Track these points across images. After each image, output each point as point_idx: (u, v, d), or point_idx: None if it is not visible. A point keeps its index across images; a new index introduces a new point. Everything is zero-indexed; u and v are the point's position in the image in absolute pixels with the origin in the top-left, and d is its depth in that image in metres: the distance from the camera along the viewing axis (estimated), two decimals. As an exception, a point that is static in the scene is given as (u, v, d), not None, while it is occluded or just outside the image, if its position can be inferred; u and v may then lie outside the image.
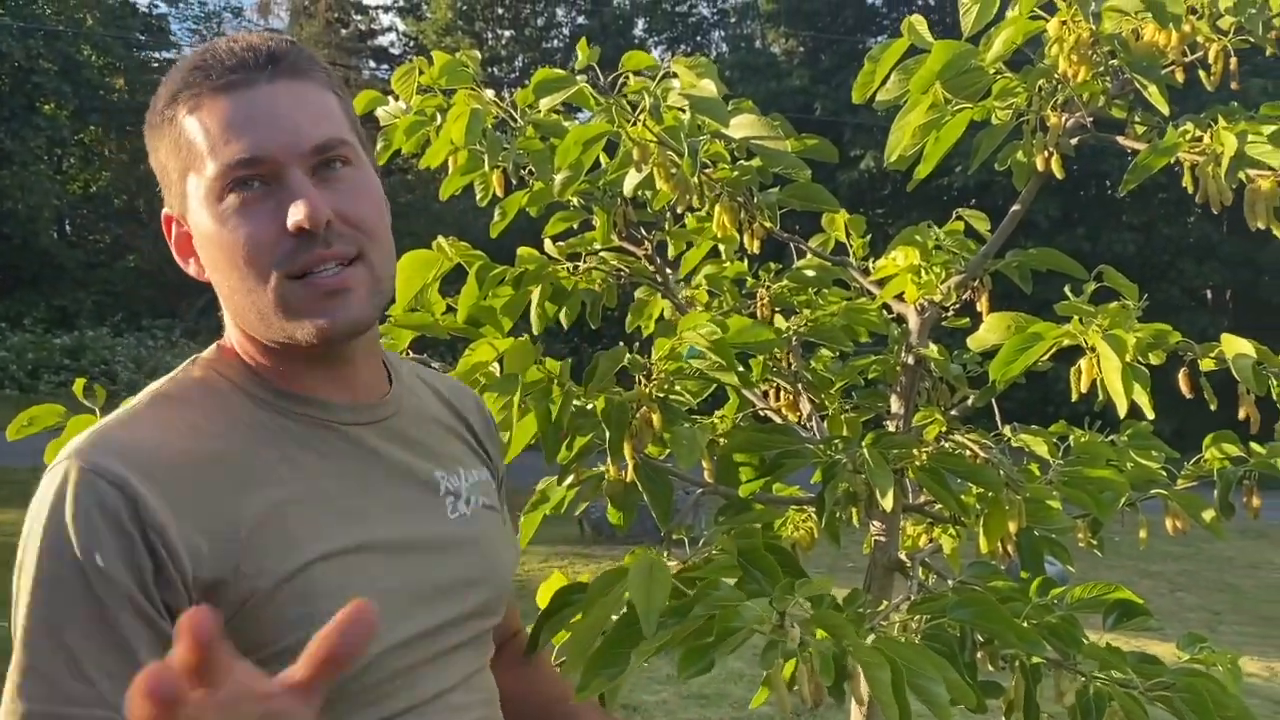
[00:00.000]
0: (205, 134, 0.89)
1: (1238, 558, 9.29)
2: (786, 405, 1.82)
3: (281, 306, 0.90)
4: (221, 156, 0.88)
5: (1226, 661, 1.51)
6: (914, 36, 1.56)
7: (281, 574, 0.86)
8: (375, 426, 0.99)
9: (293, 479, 0.91)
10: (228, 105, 0.89)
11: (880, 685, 1.08)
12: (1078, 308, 1.45)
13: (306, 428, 0.94)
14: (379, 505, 0.95)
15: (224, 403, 0.93)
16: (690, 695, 4.81)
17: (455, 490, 1.03)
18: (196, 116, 0.90)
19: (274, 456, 0.91)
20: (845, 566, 6.09)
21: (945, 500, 1.49)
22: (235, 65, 0.90)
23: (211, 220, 0.90)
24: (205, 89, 0.90)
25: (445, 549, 0.99)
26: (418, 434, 1.03)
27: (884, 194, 18.69)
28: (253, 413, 0.93)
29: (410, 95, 1.73)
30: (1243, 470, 1.70)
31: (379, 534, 0.94)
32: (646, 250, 1.83)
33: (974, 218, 1.78)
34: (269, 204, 0.89)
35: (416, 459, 1.01)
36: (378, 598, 0.88)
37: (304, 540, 0.89)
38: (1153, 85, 1.46)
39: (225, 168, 0.88)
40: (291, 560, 0.87)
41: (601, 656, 1.15)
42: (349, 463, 0.95)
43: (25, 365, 16.07)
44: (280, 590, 0.86)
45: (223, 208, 0.89)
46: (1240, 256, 17.91)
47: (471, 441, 1.12)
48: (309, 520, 0.90)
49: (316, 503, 0.91)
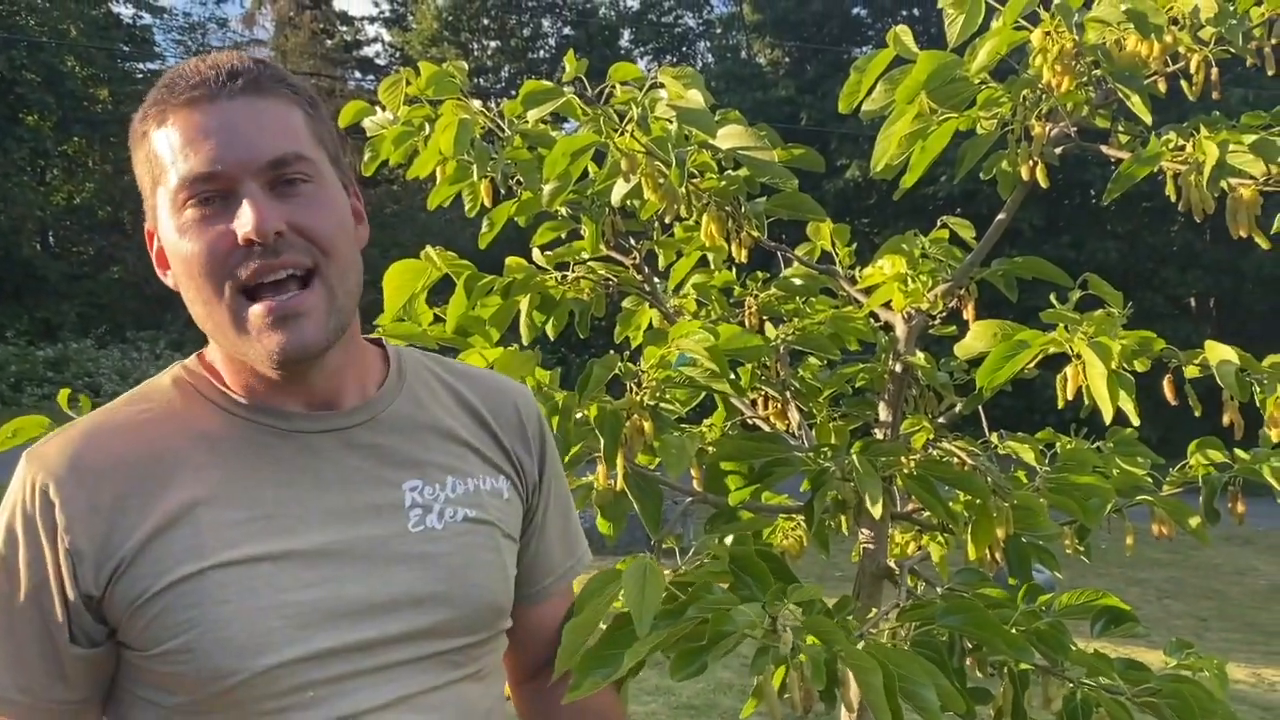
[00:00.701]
0: (169, 148, 0.92)
1: (1224, 564, 9.34)
2: (775, 414, 1.83)
3: (235, 323, 0.92)
4: (180, 170, 0.91)
5: (1213, 667, 1.52)
6: (899, 47, 1.58)
7: (176, 576, 0.89)
8: (337, 434, 0.99)
9: (220, 482, 0.93)
10: (188, 120, 0.91)
11: (872, 690, 1.08)
12: (1063, 315, 1.46)
13: (262, 434, 0.96)
14: (317, 514, 0.95)
15: (181, 407, 0.97)
16: (680, 706, 4.81)
17: (427, 503, 1.00)
18: (163, 131, 0.93)
19: (208, 460, 0.94)
20: (833, 575, 6.10)
21: (934, 508, 1.50)
22: (199, 82, 0.92)
23: (174, 232, 0.93)
24: (170, 105, 0.93)
25: (393, 562, 0.97)
26: (394, 442, 1.01)
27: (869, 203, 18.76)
28: (207, 418, 0.97)
29: (397, 106, 1.73)
30: (1227, 476, 1.72)
31: (305, 543, 0.93)
32: (635, 260, 1.84)
33: (959, 226, 1.80)
34: (224, 217, 0.91)
35: (383, 468, 1.00)
36: (281, 609, 0.91)
37: (209, 545, 0.91)
38: (1135, 95, 1.47)
39: (183, 181, 0.91)
40: (190, 564, 0.90)
41: (595, 657, 1.15)
42: (295, 471, 0.96)
43: (8, 378, 15.97)
44: (171, 591, 0.89)
45: (183, 220, 0.92)
46: (1223, 264, 18.04)
47: (487, 449, 1.08)
48: (224, 525, 0.92)
49: (240, 508, 0.93)
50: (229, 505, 0.93)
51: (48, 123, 20.10)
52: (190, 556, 0.90)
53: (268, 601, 0.91)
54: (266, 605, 0.91)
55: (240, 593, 0.90)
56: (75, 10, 20.85)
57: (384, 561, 0.96)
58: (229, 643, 0.89)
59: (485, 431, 1.09)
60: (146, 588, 0.89)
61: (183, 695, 0.91)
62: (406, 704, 0.96)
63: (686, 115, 1.44)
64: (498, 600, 1.04)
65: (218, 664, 0.89)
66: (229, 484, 0.93)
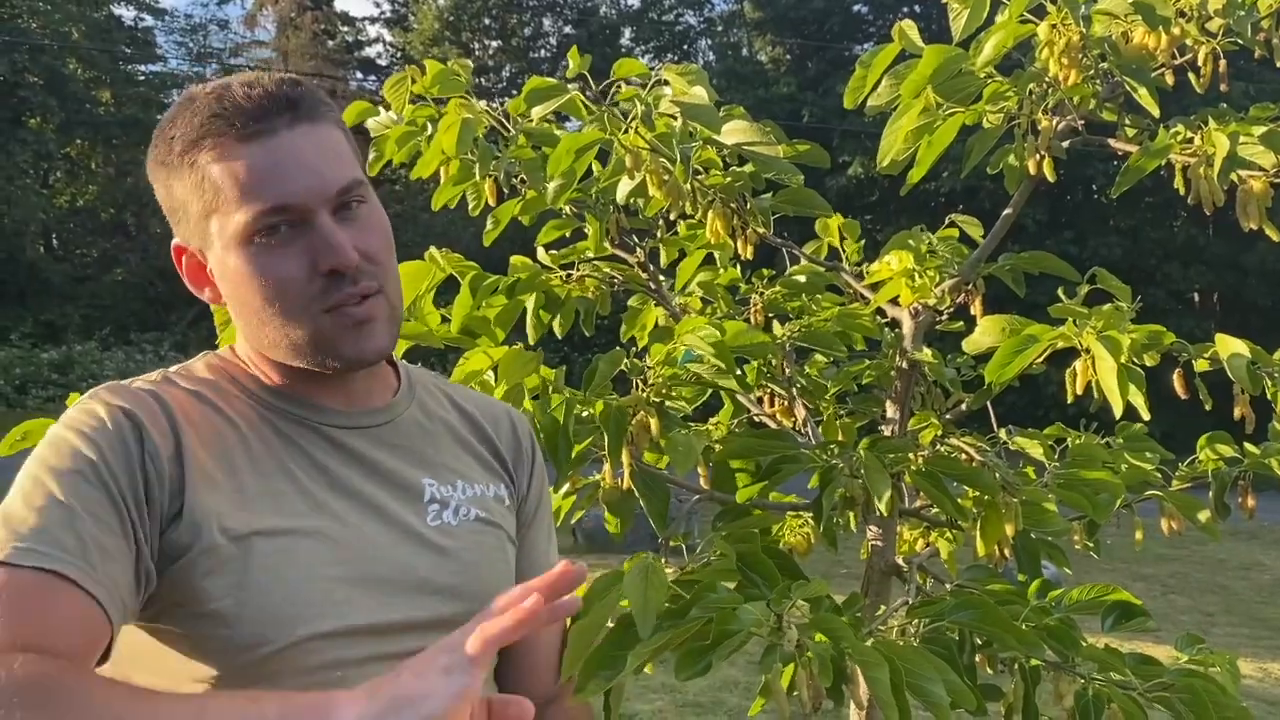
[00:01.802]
0: (234, 182, 0.95)
1: (1230, 559, 9.31)
2: (781, 411, 1.82)
3: (315, 340, 0.98)
4: (253, 204, 0.95)
5: (1224, 662, 1.51)
6: (905, 42, 1.57)
7: (224, 536, 0.91)
8: (364, 432, 1.04)
9: (264, 458, 0.98)
10: (254, 154, 0.95)
11: (880, 686, 1.08)
12: (1072, 310, 1.45)
13: (293, 426, 1.01)
14: (347, 499, 0.99)
15: (221, 393, 1.01)
16: (686, 704, 4.80)
17: (444, 499, 1.05)
18: (224, 165, 0.95)
19: (254, 438, 0.99)
20: (840, 573, 6.09)
21: (942, 504, 1.49)
22: (257, 114, 0.95)
23: (241, 261, 0.96)
24: (230, 138, 0.95)
25: (414, 551, 1.01)
26: (412, 442, 1.07)
27: (872, 200, 18.74)
28: (245, 405, 1.01)
29: (401, 105, 1.72)
30: (1237, 471, 1.71)
31: (337, 524, 0.97)
32: (639, 258, 1.83)
33: (966, 223, 1.79)
34: (298, 245, 0.96)
35: (404, 464, 1.05)
36: (318, 581, 0.93)
37: (253, 511, 0.94)
38: (1143, 88, 1.47)
39: (257, 215, 0.95)
40: (236, 526, 0.92)
41: (599, 658, 1.15)
42: (327, 460, 1.00)
43: (13, 380, 15.99)
44: (217, 551, 0.91)
45: (252, 250, 0.96)
46: (1226, 259, 18.01)
47: (488, 457, 1.13)
48: (266, 495, 0.95)
49: (280, 482, 0.97)
50: (267, 478, 0.96)
51: (50, 125, 20.11)
52: (236, 520, 0.92)
53: (306, 573, 0.93)
54: (306, 576, 0.93)
55: (282, 562, 0.92)
56: (77, 13, 20.86)
57: (406, 550, 1.00)
58: (266, 610, 0.90)
59: (486, 441, 1.14)
60: (194, 540, 0.91)
61: (211, 665, 0.91)
62: None
63: (691, 111, 1.43)
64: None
65: (258, 630, 0.90)
66: (265, 461, 0.97)
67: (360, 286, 0.97)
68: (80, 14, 21.00)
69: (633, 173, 1.50)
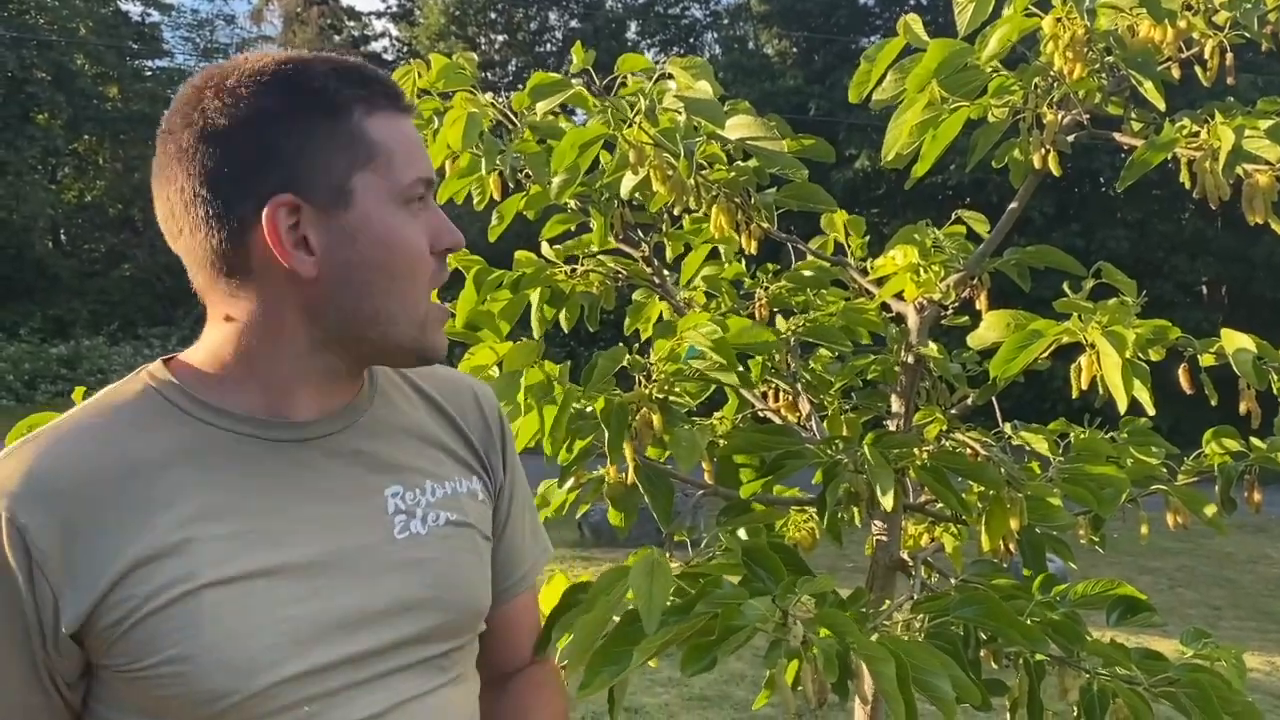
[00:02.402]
0: (397, 142, 0.93)
1: (1236, 553, 9.29)
2: (786, 406, 1.82)
3: (423, 326, 0.96)
4: (415, 169, 0.94)
5: (1230, 657, 1.51)
6: (910, 36, 1.57)
7: (168, 596, 0.85)
8: (319, 442, 0.96)
9: (205, 496, 0.89)
10: (406, 124, 0.95)
11: (885, 680, 1.08)
12: (1077, 304, 1.45)
13: (241, 445, 0.92)
14: (304, 525, 0.92)
15: (152, 416, 0.92)
16: (692, 698, 4.81)
17: (409, 508, 0.99)
18: (384, 124, 0.93)
19: (190, 474, 0.89)
20: (845, 567, 6.09)
21: (947, 499, 1.49)
22: (396, 91, 0.96)
23: (398, 221, 0.93)
24: (384, 103, 0.94)
25: (381, 570, 0.95)
26: (373, 447, 1.00)
27: (878, 194, 18.70)
28: (179, 428, 0.91)
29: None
30: (1243, 465, 1.70)
31: (296, 556, 0.91)
32: (644, 252, 1.83)
33: (973, 219, 1.79)
34: (421, 221, 0.95)
35: (367, 473, 0.98)
36: (277, 625, 0.88)
37: (202, 562, 0.87)
38: (1148, 81, 1.46)
39: (418, 180, 0.94)
40: (182, 583, 0.85)
41: (604, 654, 1.15)
42: (280, 483, 0.93)
43: (22, 375, 16.05)
44: (162, 613, 0.85)
45: (404, 214, 0.93)
46: (1235, 252, 17.93)
47: (460, 450, 1.07)
48: (214, 540, 0.88)
49: (229, 522, 0.89)
50: (218, 520, 0.88)
51: (58, 121, 20.16)
52: (182, 575, 0.86)
53: (264, 619, 0.88)
54: (263, 622, 0.88)
55: (236, 611, 0.87)
56: (84, 9, 20.89)
57: (373, 570, 0.95)
58: (226, 663, 0.86)
59: (456, 433, 1.08)
60: (134, 609, 0.85)
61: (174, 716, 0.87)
62: (399, 711, 0.95)
63: (695, 106, 1.43)
64: (481, 602, 1.04)
65: (214, 685, 0.86)
66: (215, 498, 0.89)
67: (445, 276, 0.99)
68: (88, 10, 21.03)
69: (636, 168, 1.50)
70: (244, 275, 0.92)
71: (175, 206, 0.92)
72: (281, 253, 0.90)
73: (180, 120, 0.91)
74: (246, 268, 0.91)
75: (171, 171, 0.92)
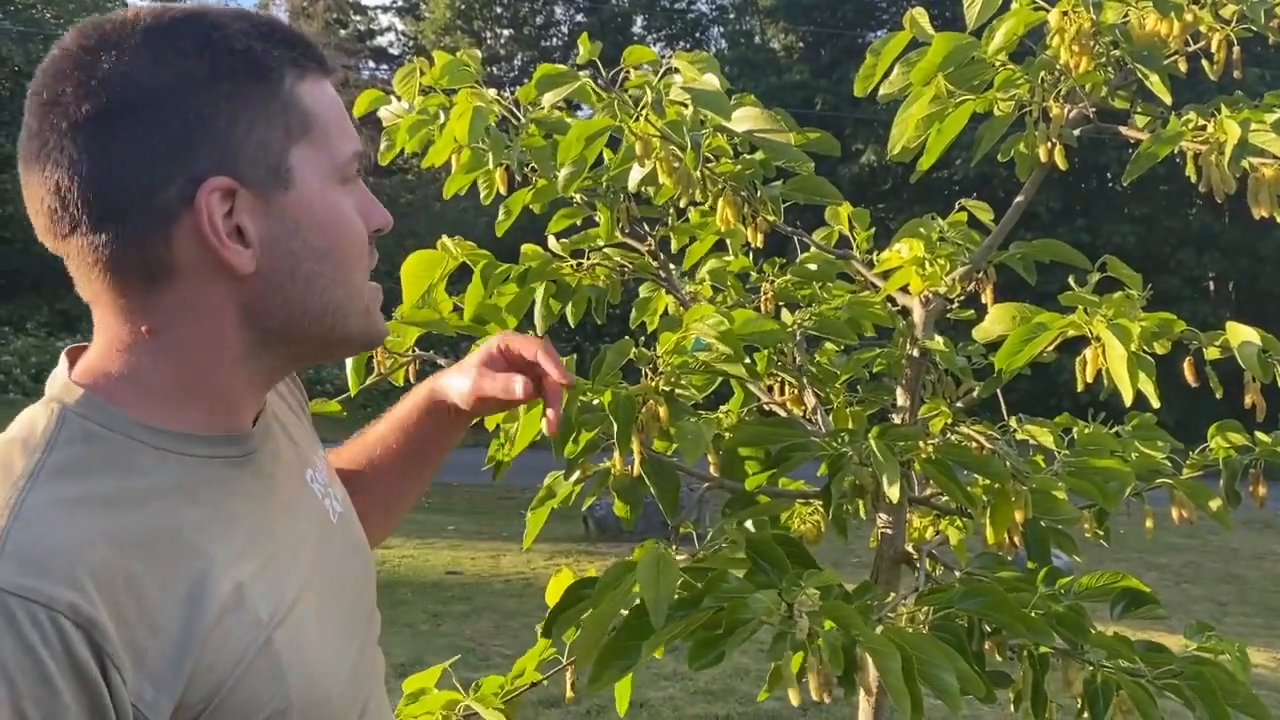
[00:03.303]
0: (330, 111, 0.81)
1: (1243, 549, 9.28)
2: (791, 399, 1.82)
3: (366, 310, 0.86)
4: (350, 141, 0.83)
5: (1234, 650, 1.51)
6: (916, 29, 1.57)
7: (251, 654, 0.74)
8: (265, 448, 0.86)
9: (221, 534, 0.76)
10: (333, 90, 0.83)
11: (891, 674, 1.08)
12: (1083, 298, 1.45)
13: (214, 470, 0.79)
14: (292, 535, 0.84)
15: (123, 459, 0.75)
16: (697, 691, 4.81)
17: (325, 489, 0.93)
18: (315, 90, 0.81)
19: (197, 514, 0.76)
20: (850, 561, 6.10)
21: (953, 492, 1.49)
22: (320, 52, 0.82)
23: (339, 202, 0.82)
24: (313, 66, 0.81)
25: (345, 559, 0.91)
26: (288, 438, 0.92)
27: (884, 188, 18.67)
28: (157, 464, 0.76)
29: (412, 96, 1.73)
30: (1248, 459, 1.70)
31: (303, 567, 0.84)
32: (650, 246, 1.83)
33: (977, 209, 1.79)
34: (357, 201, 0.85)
35: (298, 464, 0.91)
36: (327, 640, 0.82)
37: (259, 608, 0.76)
38: (1155, 75, 1.46)
39: (355, 154, 0.83)
40: (254, 633, 0.75)
41: (612, 649, 1.15)
42: (258, 499, 0.83)
43: (29, 369, 16.10)
44: (250, 671, 0.74)
45: (343, 192, 0.82)
46: (1241, 246, 17.89)
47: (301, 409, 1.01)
48: (255, 580, 0.77)
49: (251, 557, 0.78)
50: (243, 558, 0.77)
51: (64, 115, 20.16)
52: (251, 628, 0.75)
53: (317, 636, 0.81)
54: (318, 641, 0.82)
55: (301, 642, 0.79)
56: (90, 3, 20.89)
57: (342, 559, 0.91)
58: (311, 705, 0.78)
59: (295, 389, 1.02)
60: (222, 681, 0.72)
61: None
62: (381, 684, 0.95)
63: (701, 98, 1.43)
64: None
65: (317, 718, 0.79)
66: (229, 534, 0.77)
67: None
68: (94, 3, 21.03)
69: (643, 160, 1.50)
70: (165, 278, 0.76)
71: (66, 196, 0.75)
72: (217, 247, 0.76)
73: (72, 88, 0.74)
74: (168, 268, 0.76)
75: (60, 153, 0.74)
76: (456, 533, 8.79)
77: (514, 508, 9.53)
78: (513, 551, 7.84)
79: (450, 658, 1.63)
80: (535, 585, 6.74)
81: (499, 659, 5.10)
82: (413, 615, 6.00)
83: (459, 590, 6.76)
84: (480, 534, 8.76)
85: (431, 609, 6.23)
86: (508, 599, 6.54)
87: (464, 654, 4.10)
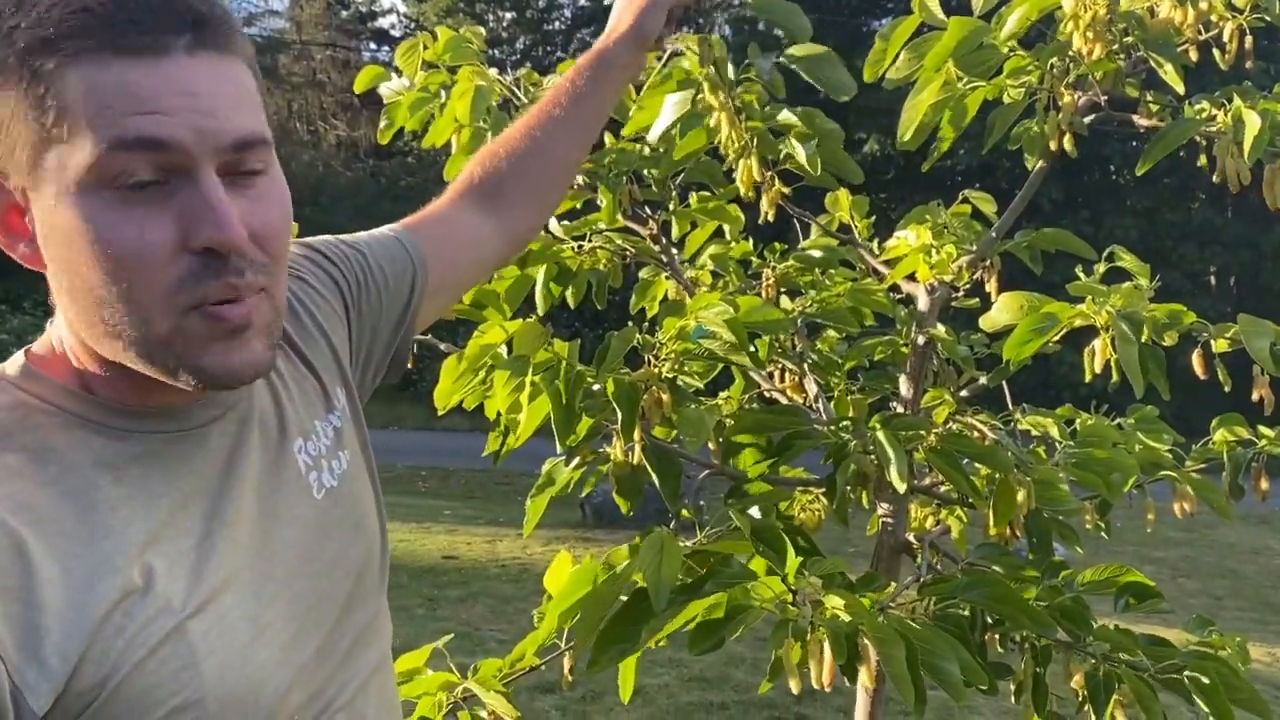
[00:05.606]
0: (95, 101, 0.68)
1: (1239, 543, 9.29)
2: (792, 387, 1.81)
3: (170, 345, 0.72)
4: (113, 131, 0.68)
5: (1234, 645, 1.50)
6: (925, 14, 1.55)
7: (155, 640, 0.71)
8: (231, 415, 0.82)
9: (143, 515, 0.73)
10: (131, 71, 0.68)
11: (894, 663, 1.07)
12: (1091, 288, 1.43)
13: (152, 444, 0.77)
14: (240, 518, 0.79)
15: (48, 434, 0.74)
16: (692, 679, 4.82)
17: (315, 462, 0.87)
18: (83, 76, 0.68)
19: (118, 491, 0.73)
20: (848, 551, 6.10)
21: (956, 481, 1.48)
22: (145, 22, 0.69)
23: (79, 215, 0.69)
24: (99, 43, 0.68)
25: (317, 541, 0.85)
26: (273, 403, 0.87)
27: (887, 178, 18.63)
28: (89, 442, 0.74)
29: (414, 71, 1.71)
30: (1252, 453, 1.69)
31: (247, 554, 0.78)
32: (652, 230, 1.82)
33: (980, 199, 1.77)
34: (169, 207, 0.70)
35: (278, 435, 0.86)
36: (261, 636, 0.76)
37: (173, 593, 0.72)
38: (1168, 63, 1.44)
39: (118, 144, 0.68)
40: (163, 620, 0.71)
41: (612, 633, 1.14)
42: (201, 477, 0.78)
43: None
44: (153, 658, 0.70)
45: (100, 201, 0.69)
46: (1243, 241, 17.87)
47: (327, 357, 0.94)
48: (174, 565, 0.73)
49: (175, 538, 0.74)
50: (165, 540, 0.74)
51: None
52: (159, 614, 0.71)
53: (248, 635, 0.76)
54: (249, 639, 0.76)
55: (222, 635, 0.74)
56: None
57: (312, 542, 0.85)
58: (232, 698, 0.74)
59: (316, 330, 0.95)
60: (117, 664, 0.69)
61: None
62: (377, 674, 0.91)
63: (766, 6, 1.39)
64: (381, 540, 0.96)
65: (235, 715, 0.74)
66: (152, 515, 0.74)
67: (245, 280, 0.72)
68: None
69: (710, 108, 1.47)
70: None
71: None
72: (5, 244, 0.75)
73: None
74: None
75: None
76: (453, 517, 8.79)
77: (511, 493, 9.52)
78: (509, 537, 7.84)
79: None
80: (532, 571, 6.74)
81: (494, 644, 5.10)
82: (408, 599, 5.99)
83: (455, 575, 6.76)
84: (477, 519, 8.76)
85: (427, 593, 6.23)
86: (504, 584, 6.54)
87: (460, 639, 4.10)
